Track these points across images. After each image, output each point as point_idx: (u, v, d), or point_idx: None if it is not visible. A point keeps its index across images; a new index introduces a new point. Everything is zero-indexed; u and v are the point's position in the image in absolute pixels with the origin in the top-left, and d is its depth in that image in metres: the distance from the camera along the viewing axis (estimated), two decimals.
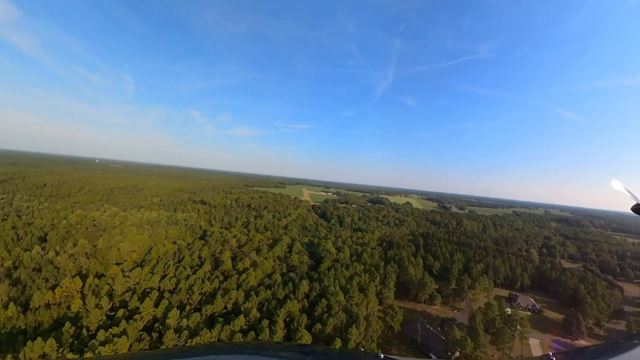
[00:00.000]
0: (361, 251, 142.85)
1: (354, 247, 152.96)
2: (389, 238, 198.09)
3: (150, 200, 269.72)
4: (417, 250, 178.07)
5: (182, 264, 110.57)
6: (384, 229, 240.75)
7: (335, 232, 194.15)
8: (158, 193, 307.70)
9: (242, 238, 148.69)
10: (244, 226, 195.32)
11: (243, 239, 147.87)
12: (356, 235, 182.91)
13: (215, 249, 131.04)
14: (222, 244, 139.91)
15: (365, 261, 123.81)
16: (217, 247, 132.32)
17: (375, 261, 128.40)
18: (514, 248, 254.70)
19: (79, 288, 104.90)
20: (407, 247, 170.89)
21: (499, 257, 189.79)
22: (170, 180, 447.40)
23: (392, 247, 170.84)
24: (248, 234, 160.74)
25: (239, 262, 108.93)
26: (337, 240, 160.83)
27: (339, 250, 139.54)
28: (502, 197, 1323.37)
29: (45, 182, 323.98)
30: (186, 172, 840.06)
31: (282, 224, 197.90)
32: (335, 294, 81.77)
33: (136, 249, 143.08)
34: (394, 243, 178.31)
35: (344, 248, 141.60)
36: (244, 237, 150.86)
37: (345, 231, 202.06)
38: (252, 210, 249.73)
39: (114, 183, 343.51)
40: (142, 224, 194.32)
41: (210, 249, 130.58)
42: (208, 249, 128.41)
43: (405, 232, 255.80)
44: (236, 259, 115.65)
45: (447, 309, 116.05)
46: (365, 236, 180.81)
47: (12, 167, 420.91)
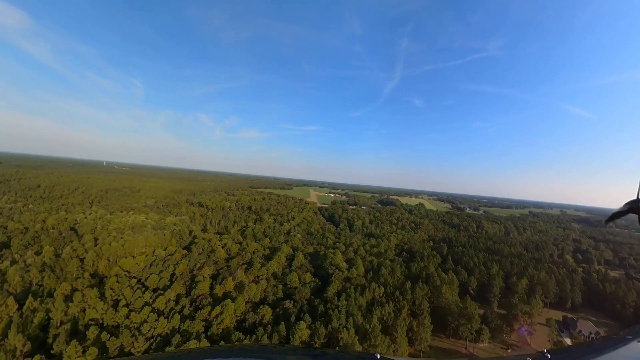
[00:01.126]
0: (378, 264, 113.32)
1: (368, 258, 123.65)
2: (408, 245, 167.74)
3: (144, 202, 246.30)
4: (444, 261, 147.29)
5: (147, 283, 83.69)
6: (400, 234, 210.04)
7: (345, 239, 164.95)
8: (155, 195, 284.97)
9: (234, 247, 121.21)
10: (240, 232, 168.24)
11: (234, 249, 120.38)
12: (369, 243, 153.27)
13: (197, 262, 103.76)
14: (207, 255, 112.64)
15: (385, 280, 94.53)
16: (199, 260, 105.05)
17: (397, 279, 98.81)
18: (546, 254, 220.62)
19: (11, 312, 79.26)
20: (432, 258, 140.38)
21: (540, 267, 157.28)
22: (171, 181, 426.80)
23: (414, 257, 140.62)
24: (242, 241, 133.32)
25: (220, 283, 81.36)
26: (347, 250, 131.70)
27: (351, 264, 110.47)
28: (512, 197, 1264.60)
29: (39, 184, 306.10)
30: (193, 174, 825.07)
31: (284, 229, 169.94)
32: (349, 343, 53.30)
33: (103, 260, 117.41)
34: (416, 252, 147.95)
35: (357, 261, 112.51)
36: (236, 247, 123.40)
37: (356, 237, 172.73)
38: (253, 213, 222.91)
39: (112, 184, 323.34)
40: (124, 228, 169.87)
41: (191, 262, 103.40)
42: (187, 263, 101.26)
43: (424, 237, 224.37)
44: (218, 277, 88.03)
45: (497, 346, 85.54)
46: (381, 244, 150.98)
47: (15, 169, 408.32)
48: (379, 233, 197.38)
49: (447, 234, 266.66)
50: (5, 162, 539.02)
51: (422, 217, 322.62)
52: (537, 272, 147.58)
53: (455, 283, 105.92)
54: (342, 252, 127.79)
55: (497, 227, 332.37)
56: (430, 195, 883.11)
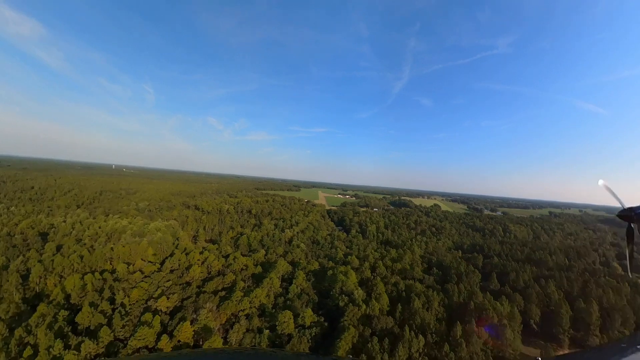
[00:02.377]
0: (406, 290, 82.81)
1: (390, 279, 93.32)
2: (436, 257, 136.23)
3: (136, 204, 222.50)
4: (485, 277, 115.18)
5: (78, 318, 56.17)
6: (421, 241, 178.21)
7: (359, 249, 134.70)
8: (151, 197, 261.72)
9: (216, 264, 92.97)
10: (234, 240, 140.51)
11: (216, 266, 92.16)
12: (389, 255, 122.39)
13: (161, 285, 75.82)
14: (180, 275, 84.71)
15: (421, 319, 64.10)
16: (164, 283, 77.11)
17: (436, 316, 68.26)
18: (588, 261, 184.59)
19: None
20: (472, 275, 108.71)
21: (599, 281, 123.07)
22: (173, 183, 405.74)
23: (448, 274, 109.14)
24: (229, 255, 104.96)
25: (175, 328, 53.11)
26: (362, 267, 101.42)
27: (369, 288, 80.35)
28: (525, 197, 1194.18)
29: (33, 185, 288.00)
30: (200, 176, 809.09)
31: (286, 237, 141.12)
32: None
33: (53, 276, 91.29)
34: (449, 267, 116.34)
35: (377, 285, 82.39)
36: (220, 262, 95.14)
37: (371, 246, 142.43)
38: (252, 218, 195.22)
39: (109, 186, 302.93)
40: (100, 235, 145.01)
41: (152, 286, 75.58)
42: (147, 288, 73.50)
43: (448, 244, 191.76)
44: (176, 315, 59.69)
45: None
46: (404, 256, 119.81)
47: (16, 171, 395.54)
48: (398, 240, 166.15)
49: (472, 239, 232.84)
50: (13, 165, 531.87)
51: (441, 220, 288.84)
52: (602, 290, 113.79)
53: (517, 318, 74.32)
54: (355, 268, 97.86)
55: (524, 230, 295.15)
56: (442, 196, 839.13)
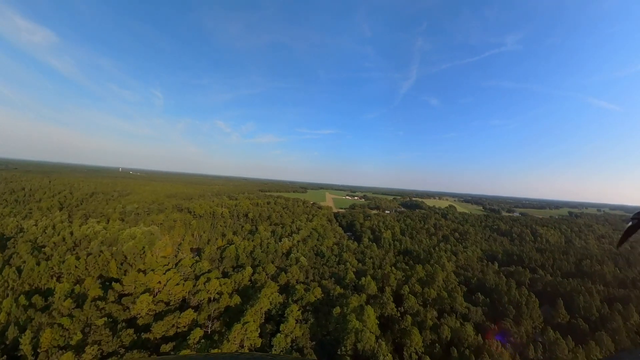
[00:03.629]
0: (451, 335, 54.38)
1: (426, 319, 64.77)
2: (472, 273, 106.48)
3: (122, 207, 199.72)
4: (543, 301, 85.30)
5: None
6: (446, 249, 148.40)
7: (373, 264, 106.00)
8: (144, 199, 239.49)
9: (178, 290, 66.29)
10: (221, 250, 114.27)
11: (179, 292, 65.49)
12: (415, 274, 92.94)
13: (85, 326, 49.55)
14: (126, 307, 58.44)
15: None
16: (90, 323, 50.83)
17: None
18: None
19: None
20: (531, 306, 78.85)
21: None
22: (171, 185, 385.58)
23: (499, 303, 79.67)
24: (202, 275, 78.18)
25: None
26: (382, 296, 72.54)
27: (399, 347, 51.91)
28: (539, 197, 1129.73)
29: (24, 186, 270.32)
30: (206, 178, 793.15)
31: (283, 248, 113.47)
32: None
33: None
34: (494, 290, 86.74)
35: (409, 333, 54.07)
36: (186, 287, 68.52)
37: (388, 259, 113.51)
38: (248, 222, 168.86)
39: (103, 188, 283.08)
40: (66, 242, 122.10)
41: (76, 326, 49.42)
42: (57, 333, 47.06)
43: (478, 253, 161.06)
44: None
45: None
46: (435, 275, 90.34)
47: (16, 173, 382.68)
48: (418, 249, 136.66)
49: (502, 245, 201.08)
50: (20, 167, 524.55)
51: (461, 223, 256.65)
52: None
53: None
54: (373, 297, 69.64)
55: (554, 233, 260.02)
56: (453, 197, 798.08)
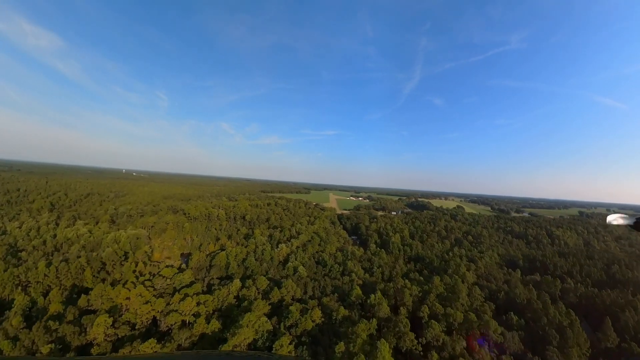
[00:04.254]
0: None
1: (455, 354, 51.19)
2: (496, 285, 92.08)
3: (115, 209, 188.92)
4: (587, 318, 70.98)
5: None
6: (461, 255, 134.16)
7: (382, 274, 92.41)
8: (139, 200, 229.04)
9: (145, 311, 53.55)
10: (210, 258, 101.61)
11: (146, 313, 52.78)
12: (434, 288, 78.96)
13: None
14: (78, 332, 45.45)
15: None
16: None
17: None
18: None
19: None
20: (573, 325, 64.51)
21: None
22: (170, 186, 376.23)
23: (537, 326, 65.48)
24: (180, 290, 65.55)
25: None
26: (397, 320, 58.85)
27: None
28: (545, 197, 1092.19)
29: (19, 187, 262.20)
30: (211, 180, 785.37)
31: (280, 255, 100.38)
32: None
33: None
34: (527, 306, 72.47)
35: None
36: (157, 305, 55.89)
37: (399, 267, 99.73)
38: (245, 225, 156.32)
39: (99, 188, 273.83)
40: (46, 245, 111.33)
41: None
42: None
43: (495, 258, 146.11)
44: None
45: None
46: (457, 290, 76.29)
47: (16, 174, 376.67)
48: (431, 255, 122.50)
49: (519, 249, 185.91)
50: (24, 169, 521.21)
51: (472, 225, 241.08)
52: None
53: None
54: (385, 320, 56.31)
55: (572, 235, 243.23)
56: (458, 197, 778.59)
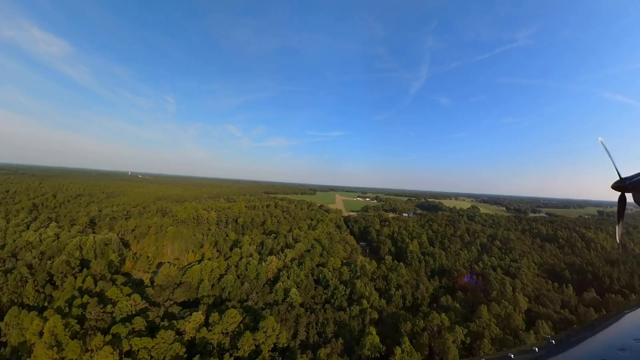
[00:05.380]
0: None
1: None
2: (553, 308, 68.39)
3: (99, 210, 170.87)
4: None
5: None
6: (493, 264, 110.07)
7: (404, 300, 69.77)
8: (129, 201, 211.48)
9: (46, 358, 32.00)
10: (182, 272, 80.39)
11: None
12: (484, 323, 56.38)
13: None
14: None
15: None
16: None
17: None
18: None
19: None
20: None
21: None
22: (168, 187, 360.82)
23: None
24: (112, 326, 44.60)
25: None
26: None
27: None
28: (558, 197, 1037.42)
29: (9, 189, 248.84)
30: (216, 182, 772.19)
31: (269, 271, 78.13)
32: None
33: None
34: None
35: None
36: (70, 352, 34.09)
37: (423, 286, 76.74)
38: (236, 230, 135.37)
39: (90, 189, 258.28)
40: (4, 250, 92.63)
41: None
42: None
43: (533, 269, 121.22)
44: None
45: None
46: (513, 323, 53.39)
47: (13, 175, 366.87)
48: (460, 267, 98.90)
49: (552, 255, 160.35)
50: (29, 172, 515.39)
51: (494, 227, 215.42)
52: None
53: None
54: None
55: (605, 237, 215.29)
56: (468, 197, 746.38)
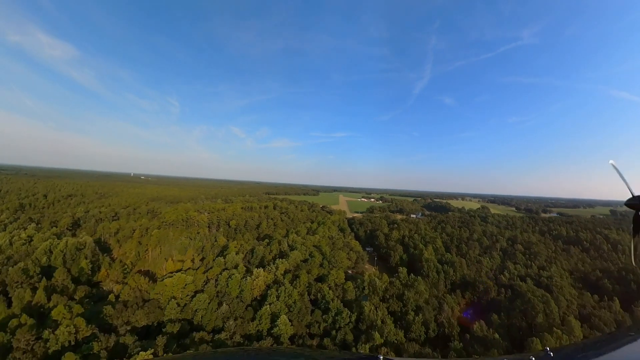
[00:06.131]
0: None
1: None
2: None
3: (84, 211, 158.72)
4: None
5: None
6: (519, 275, 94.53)
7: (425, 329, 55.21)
8: (120, 202, 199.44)
9: None
10: (154, 285, 66.15)
11: None
12: None
13: None
14: None
15: None
16: None
17: None
18: None
19: None
20: None
21: None
22: (165, 188, 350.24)
23: None
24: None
25: None
26: None
27: None
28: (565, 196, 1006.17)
29: (1, 189, 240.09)
30: (219, 183, 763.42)
31: (255, 288, 63.50)
32: None
33: None
34: None
35: None
36: None
37: (447, 307, 61.85)
38: (230, 232, 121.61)
39: (83, 190, 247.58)
40: None
41: None
42: None
43: (566, 279, 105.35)
44: None
45: None
46: None
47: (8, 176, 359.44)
48: (483, 278, 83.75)
49: (581, 259, 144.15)
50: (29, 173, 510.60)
51: (510, 229, 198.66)
52: None
53: None
54: None
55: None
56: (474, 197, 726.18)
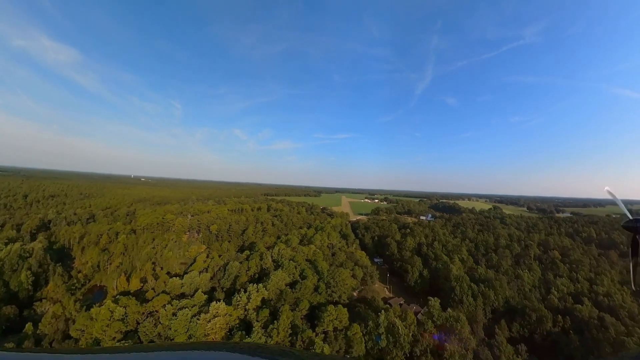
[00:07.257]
0: None
1: None
2: None
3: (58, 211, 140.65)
4: None
5: None
6: (569, 292, 72.26)
7: None
8: (102, 203, 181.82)
9: None
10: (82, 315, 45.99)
11: None
12: None
13: None
14: None
15: None
16: None
17: None
18: None
19: None
20: None
21: None
22: (158, 189, 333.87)
23: None
24: None
25: None
26: None
27: None
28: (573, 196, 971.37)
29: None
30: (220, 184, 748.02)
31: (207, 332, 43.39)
32: None
33: None
34: None
35: None
36: None
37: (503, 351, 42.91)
38: (210, 238, 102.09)
39: (69, 190, 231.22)
40: None
41: None
42: None
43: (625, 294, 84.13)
44: None
45: None
46: None
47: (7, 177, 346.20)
48: (534, 302, 62.54)
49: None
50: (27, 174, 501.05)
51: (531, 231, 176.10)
52: None
53: None
54: None
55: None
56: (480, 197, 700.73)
